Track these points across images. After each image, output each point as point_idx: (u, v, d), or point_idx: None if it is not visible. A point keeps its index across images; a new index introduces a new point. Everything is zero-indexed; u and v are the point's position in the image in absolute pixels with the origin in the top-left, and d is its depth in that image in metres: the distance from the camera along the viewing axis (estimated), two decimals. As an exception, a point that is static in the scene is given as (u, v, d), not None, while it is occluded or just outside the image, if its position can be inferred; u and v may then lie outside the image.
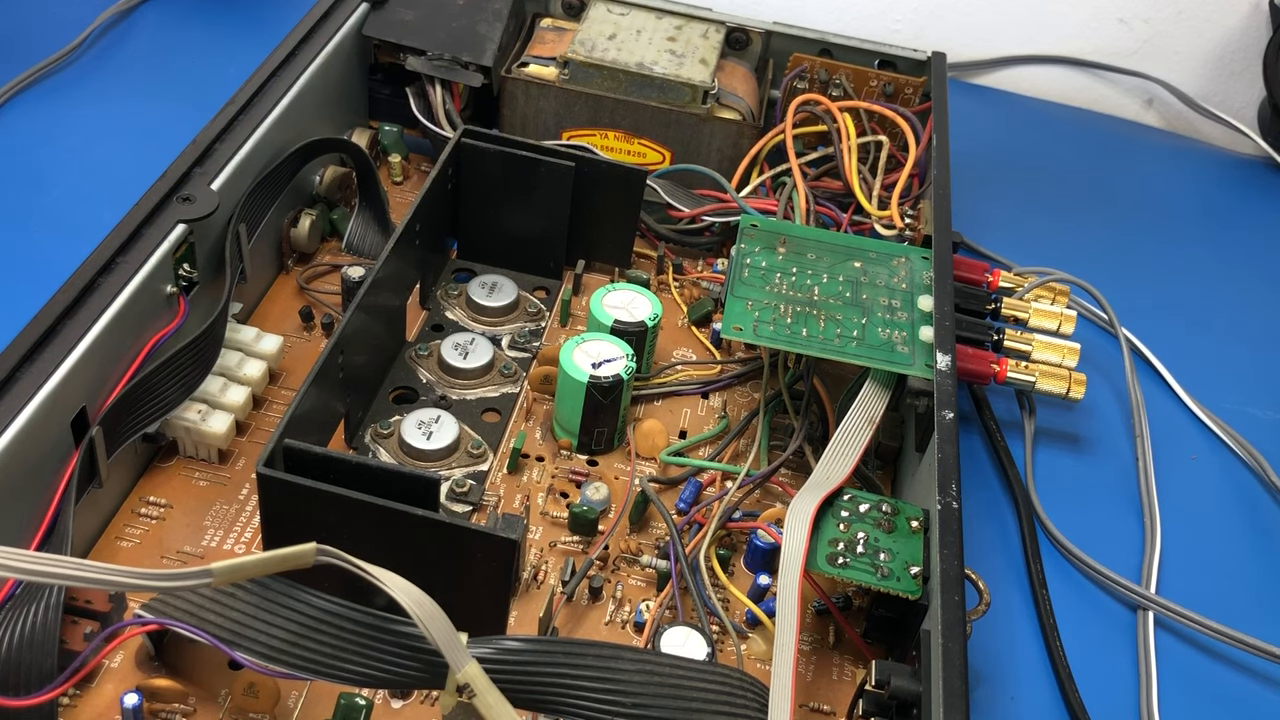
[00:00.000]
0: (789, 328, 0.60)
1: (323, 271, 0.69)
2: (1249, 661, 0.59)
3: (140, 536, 0.53)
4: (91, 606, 0.46)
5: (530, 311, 0.67)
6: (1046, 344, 0.65)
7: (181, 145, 0.59)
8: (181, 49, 0.89)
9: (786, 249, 0.65)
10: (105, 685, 0.47)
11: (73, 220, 0.71)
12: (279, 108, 0.64)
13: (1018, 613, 0.60)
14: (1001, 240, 0.83)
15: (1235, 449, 0.71)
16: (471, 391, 0.62)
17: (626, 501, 0.57)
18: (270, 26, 0.91)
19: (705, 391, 0.66)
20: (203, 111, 0.62)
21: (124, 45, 0.89)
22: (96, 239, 0.53)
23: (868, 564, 0.50)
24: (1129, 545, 0.64)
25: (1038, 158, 0.97)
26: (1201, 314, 0.83)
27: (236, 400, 0.57)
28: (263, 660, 0.41)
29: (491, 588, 0.48)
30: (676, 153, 0.75)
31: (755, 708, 0.44)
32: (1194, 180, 0.99)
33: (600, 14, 0.78)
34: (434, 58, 0.72)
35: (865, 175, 0.74)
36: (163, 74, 0.86)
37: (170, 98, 0.83)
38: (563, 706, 0.42)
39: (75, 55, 0.86)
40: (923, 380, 0.57)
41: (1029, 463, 0.68)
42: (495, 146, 0.66)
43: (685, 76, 0.73)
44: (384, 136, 0.76)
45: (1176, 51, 1.04)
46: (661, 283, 0.72)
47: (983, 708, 0.55)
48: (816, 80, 0.78)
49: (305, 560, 0.39)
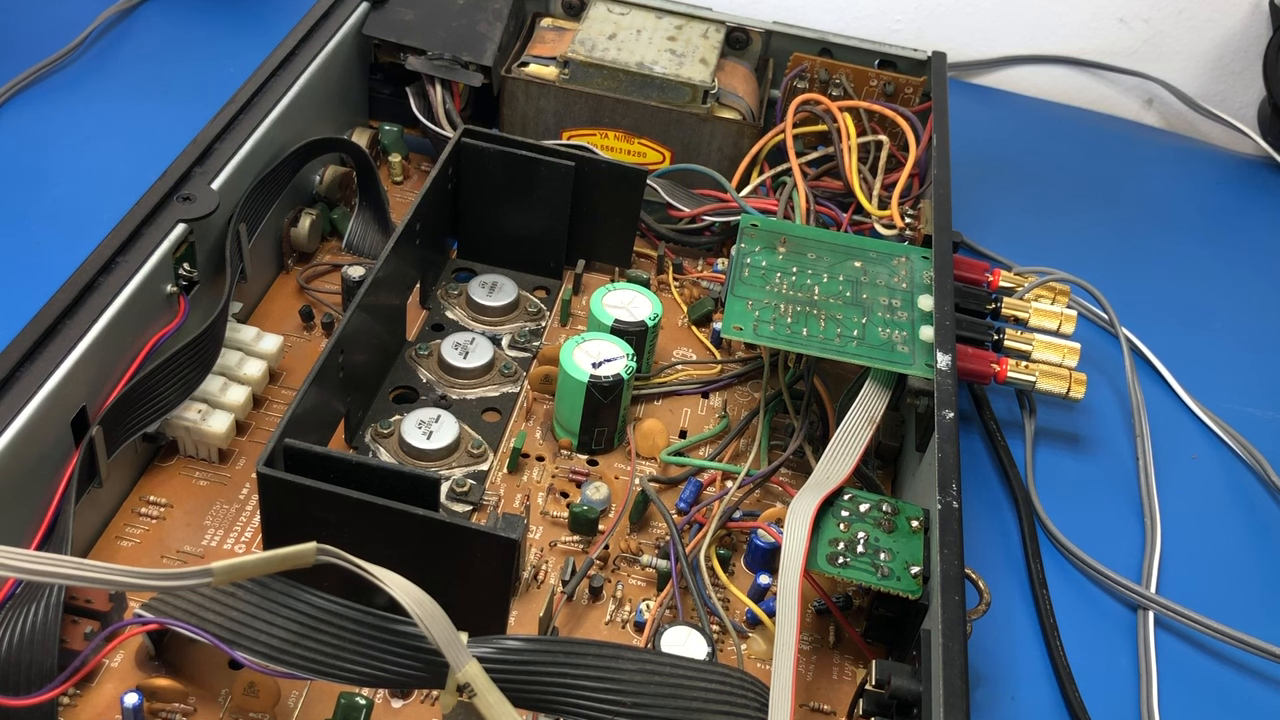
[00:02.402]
0: (789, 327, 0.60)
1: (323, 271, 0.69)
2: (1249, 661, 0.59)
3: (140, 536, 0.53)
4: (91, 606, 0.46)
5: (530, 311, 0.67)
6: (1047, 344, 0.65)
7: (181, 145, 0.59)
8: (181, 48, 0.89)
9: (787, 249, 0.65)
10: (105, 685, 0.47)
11: (73, 220, 0.71)
12: (279, 107, 0.64)
13: (1018, 612, 0.60)
14: (1001, 240, 0.83)
15: (1235, 449, 0.71)
16: (472, 391, 0.62)
17: (626, 501, 0.57)
18: (270, 26, 0.91)
19: (705, 391, 0.66)
20: (203, 111, 0.62)
21: (124, 45, 0.89)
22: (96, 239, 0.53)
23: (868, 564, 0.50)
24: (1129, 545, 0.64)
25: (1038, 158, 0.97)
26: (1201, 314, 0.83)
27: (237, 400, 0.57)
28: (263, 660, 0.41)
29: (492, 587, 0.48)
30: (676, 152, 0.75)
31: (755, 707, 0.43)
32: (1194, 180, 0.99)
33: (600, 14, 0.78)
34: (434, 57, 0.72)
35: (865, 175, 0.74)
36: (163, 74, 0.86)
37: (170, 97, 0.83)
38: (563, 706, 0.42)
39: (75, 55, 0.86)
40: (923, 380, 0.57)
41: (1029, 462, 0.68)
42: (495, 146, 0.66)
43: (685, 76, 0.73)
44: (384, 136, 0.76)
45: (1176, 51, 1.04)
46: (662, 282, 0.72)
47: (983, 708, 0.55)
48: (816, 80, 0.78)
49: (305, 560, 0.39)
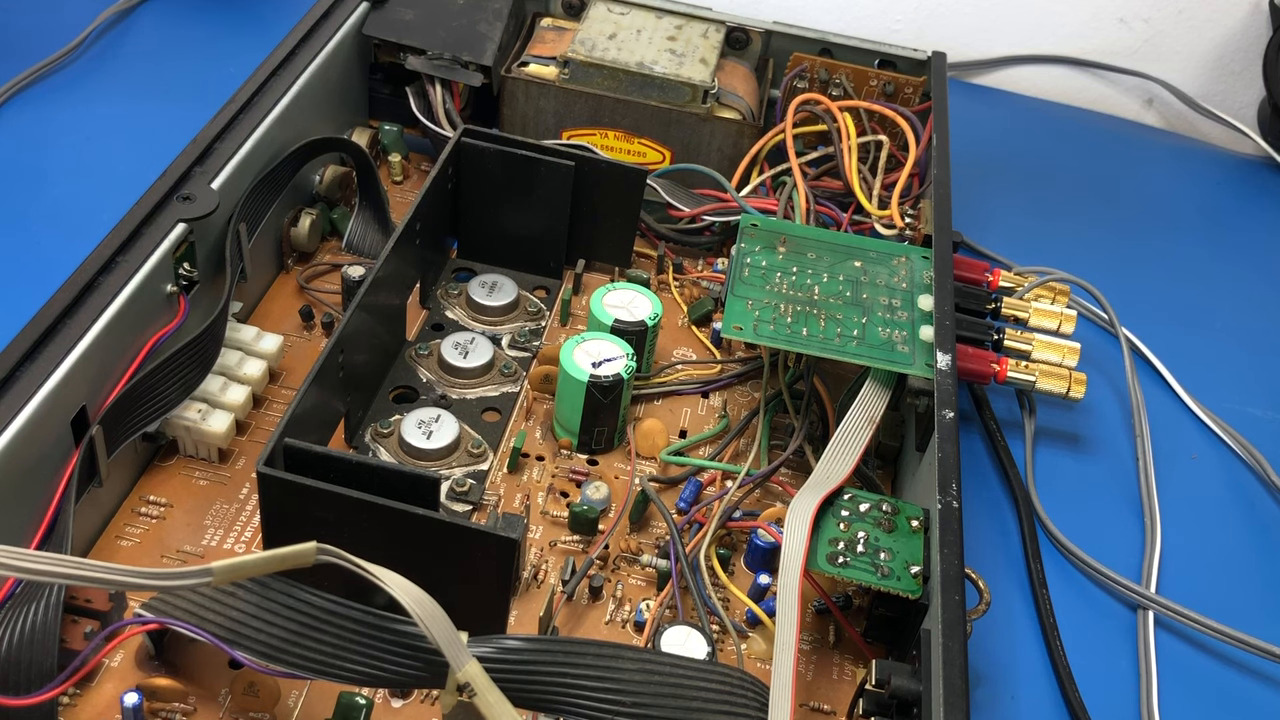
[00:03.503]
0: (789, 327, 0.60)
1: (323, 271, 0.69)
2: (1249, 661, 0.59)
3: (140, 536, 0.53)
4: (91, 605, 0.46)
5: (530, 311, 0.67)
6: (1047, 343, 0.65)
7: (181, 145, 0.59)
8: (181, 48, 0.89)
9: (787, 248, 0.65)
10: (105, 684, 0.47)
11: (73, 219, 0.71)
12: (279, 107, 0.64)
13: (1018, 612, 0.60)
14: (1001, 240, 0.83)
15: (1235, 449, 0.71)
16: (471, 391, 0.62)
17: (626, 501, 0.57)
18: (270, 26, 0.91)
19: (705, 391, 0.66)
20: (203, 111, 0.62)
21: (124, 45, 0.89)
22: (96, 238, 0.53)
23: (868, 563, 0.50)
24: (1129, 545, 0.64)
25: (1038, 158, 0.97)
26: (1201, 314, 0.83)
27: (236, 399, 0.57)
28: (263, 659, 0.41)
29: (491, 587, 0.48)
30: (676, 152, 0.75)
31: (755, 707, 0.43)
32: (1194, 180, 0.99)
33: (600, 13, 0.78)
34: (434, 57, 0.72)
35: (865, 175, 0.74)
36: (162, 73, 0.86)
37: (170, 97, 0.83)
38: (563, 706, 0.42)
39: (75, 55, 0.86)
40: (923, 379, 0.57)
41: (1029, 462, 0.68)
42: (495, 146, 0.66)
43: (685, 76, 0.73)
44: (384, 136, 0.76)
45: (1176, 51, 1.04)
46: (662, 282, 0.72)
47: (983, 707, 0.55)
48: (816, 80, 0.78)
49: (305, 559, 0.39)
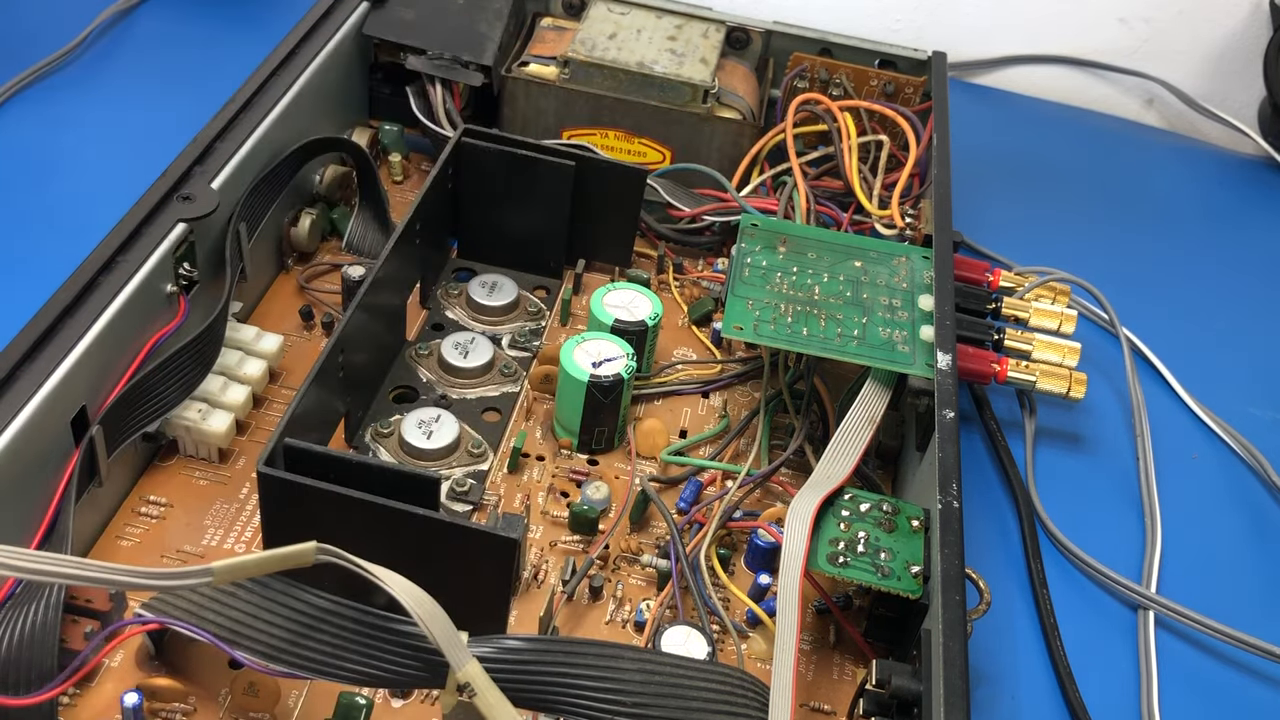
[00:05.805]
0: (789, 327, 0.60)
1: (323, 271, 0.69)
2: (1249, 661, 0.59)
3: (140, 535, 0.53)
4: (91, 605, 0.46)
5: (530, 311, 0.67)
6: (1047, 343, 0.65)
7: (181, 144, 0.59)
8: (181, 48, 0.89)
9: (787, 248, 0.65)
10: (105, 684, 0.47)
11: (73, 219, 0.71)
12: (279, 106, 0.64)
13: (1018, 612, 0.60)
14: (1001, 240, 0.83)
15: (1235, 449, 0.71)
16: (472, 391, 0.62)
17: (627, 501, 0.57)
18: (270, 25, 0.91)
19: (705, 391, 0.66)
20: (203, 110, 0.62)
21: (124, 44, 0.89)
22: (96, 238, 0.53)
23: (868, 563, 0.50)
24: (1129, 545, 0.64)
25: (1038, 158, 0.97)
26: (1201, 314, 0.83)
27: (236, 399, 0.57)
28: (263, 659, 0.41)
29: (491, 587, 0.48)
30: (677, 152, 0.75)
31: (756, 707, 0.43)
32: (1194, 180, 0.99)
33: (600, 13, 0.78)
34: (434, 57, 0.72)
35: (865, 175, 0.74)
36: (163, 73, 0.86)
37: (170, 97, 0.83)
38: (563, 706, 0.42)
39: (75, 55, 0.86)
40: (923, 379, 0.57)
41: (1029, 462, 0.68)
42: (495, 146, 0.66)
43: (685, 76, 0.73)
44: (384, 135, 0.76)
45: (1177, 51, 1.04)
46: (662, 282, 0.72)
47: (983, 707, 0.55)
48: (817, 80, 0.78)
49: (305, 559, 0.39)
